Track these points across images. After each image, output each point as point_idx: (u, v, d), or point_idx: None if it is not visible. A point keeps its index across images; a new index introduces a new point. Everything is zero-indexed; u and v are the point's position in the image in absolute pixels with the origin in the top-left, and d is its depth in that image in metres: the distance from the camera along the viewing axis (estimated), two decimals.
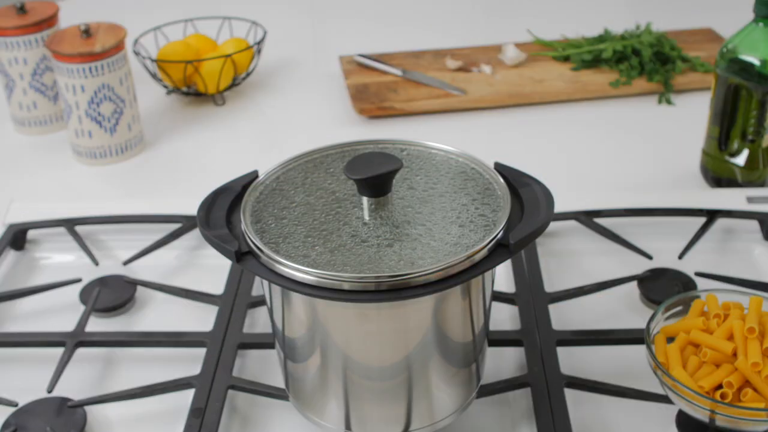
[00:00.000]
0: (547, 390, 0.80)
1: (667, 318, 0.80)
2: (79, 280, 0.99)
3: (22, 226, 1.05)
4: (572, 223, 1.04)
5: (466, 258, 0.66)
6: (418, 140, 0.80)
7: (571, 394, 0.81)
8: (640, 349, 0.83)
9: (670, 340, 0.78)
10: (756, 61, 1.03)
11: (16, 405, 0.82)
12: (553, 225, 1.03)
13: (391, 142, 0.80)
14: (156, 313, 0.96)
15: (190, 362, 0.87)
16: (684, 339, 0.77)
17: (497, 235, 0.68)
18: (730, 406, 0.71)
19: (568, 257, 1.01)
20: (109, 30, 1.22)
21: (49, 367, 0.86)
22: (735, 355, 0.74)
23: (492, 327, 0.79)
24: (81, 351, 0.89)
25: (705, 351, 0.75)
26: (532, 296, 0.91)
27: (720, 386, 0.73)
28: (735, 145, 1.08)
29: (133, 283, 0.98)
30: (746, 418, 0.71)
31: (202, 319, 0.93)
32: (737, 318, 0.76)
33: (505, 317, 0.92)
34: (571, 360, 0.86)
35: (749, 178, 1.09)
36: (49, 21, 1.27)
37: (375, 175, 0.70)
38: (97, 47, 1.18)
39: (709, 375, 0.74)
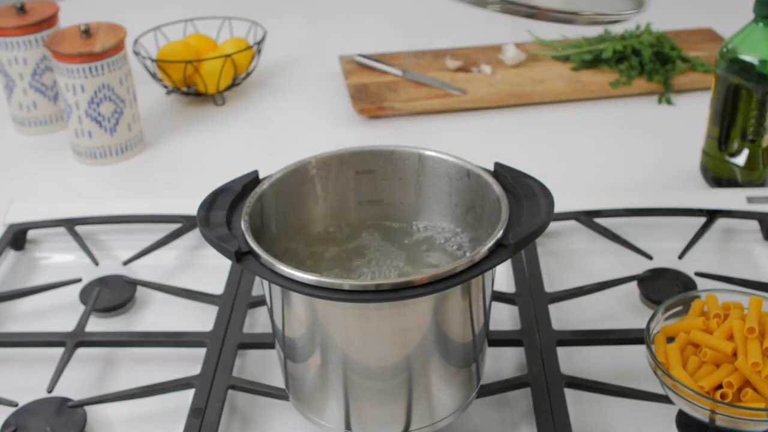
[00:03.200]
0: (547, 390, 0.80)
1: (667, 318, 0.80)
2: (79, 280, 0.99)
3: (22, 226, 1.05)
4: (572, 223, 1.04)
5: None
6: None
7: (571, 394, 0.81)
8: (640, 349, 0.83)
9: (670, 340, 0.78)
10: (756, 61, 1.03)
11: (16, 405, 0.82)
12: (553, 225, 1.03)
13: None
14: (156, 313, 0.96)
15: (190, 362, 0.87)
16: (684, 339, 0.77)
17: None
18: (730, 406, 0.71)
19: (568, 257, 1.01)
20: (109, 30, 1.22)
21: (49, 367, 0.86)
22: (735, 355, 0.74)
23: (492, 327, 0.79)
24: (81, 351, 0.89)
25: (705, 351, 0.75)
26: (532, 296, 0.91)
27: (720, 386, 0.73)
28: (735, 145, 1.08)
29: (133, 283, 0.98)
30: (746, 418, 0.71)
31: (202, 319, 0.93)
32: (737, 318, 0.76)
33: (505, 317, 0.92)
34: (571, 360, 0.86)
35: (749, 178, 1.09)
36: (49, 21, 1.27)
37: None
38: (97, 47, 1.18)
39: (709, 375, 0.74)
